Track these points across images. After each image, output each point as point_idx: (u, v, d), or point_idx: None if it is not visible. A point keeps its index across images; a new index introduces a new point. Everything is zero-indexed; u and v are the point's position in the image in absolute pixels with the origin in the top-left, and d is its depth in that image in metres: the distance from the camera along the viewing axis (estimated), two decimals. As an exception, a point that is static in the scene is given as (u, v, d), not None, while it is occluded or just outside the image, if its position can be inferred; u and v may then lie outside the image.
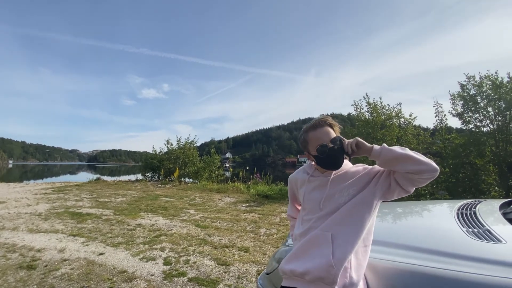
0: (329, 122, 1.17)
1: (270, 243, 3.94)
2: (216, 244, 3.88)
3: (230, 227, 4.78)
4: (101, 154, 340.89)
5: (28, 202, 7.27)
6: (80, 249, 3.67)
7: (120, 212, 6.04)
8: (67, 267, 3.07)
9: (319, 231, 1.08)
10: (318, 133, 1.15)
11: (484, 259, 1.01)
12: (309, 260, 1.05)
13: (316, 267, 1.02)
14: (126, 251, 3.59)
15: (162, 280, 2.76)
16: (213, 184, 11.46)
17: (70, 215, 5.69)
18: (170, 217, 5.53)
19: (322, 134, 1.15)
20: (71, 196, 8.34)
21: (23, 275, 2.88)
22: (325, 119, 1.17)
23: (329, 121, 1.17)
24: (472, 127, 7.76)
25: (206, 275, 2.87)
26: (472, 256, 1.04)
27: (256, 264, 3.17)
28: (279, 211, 6.21)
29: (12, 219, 5.29)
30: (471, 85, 7.74)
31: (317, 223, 1.11)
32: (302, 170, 1.33)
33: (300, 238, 1.15)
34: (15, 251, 3.57)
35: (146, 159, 16.05)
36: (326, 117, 1.19)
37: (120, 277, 2.83)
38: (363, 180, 1.13)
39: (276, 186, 9.80)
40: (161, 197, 8.26)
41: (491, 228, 1.27)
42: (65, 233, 4.38)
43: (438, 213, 1.91)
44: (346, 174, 1.16)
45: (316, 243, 1.07)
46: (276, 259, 1.60)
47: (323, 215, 1.11)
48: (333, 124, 1.17)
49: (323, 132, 1.15)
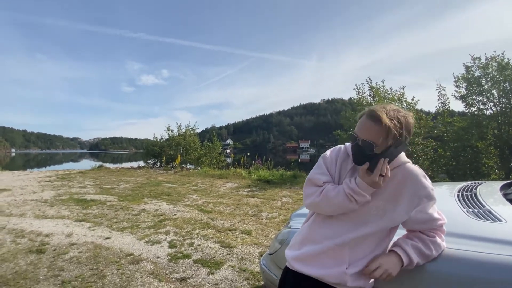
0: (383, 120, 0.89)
1: (272, 226, 4.02)
2: (219, 227, 3.96)
3: (233, 211, 4.86)
4: (102, 141, 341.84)
5: (33, 189, 7.37)
6: (87, 233, 3.76)
7: (124, 198, 6.13)
8: (75, 251, 3.16)
9: (337, 247, 0.99)
10: (360, 121, 0.98)
11: (484, 237, 1.03)
12: (321, 267, 1.01)
13: (328, 274, 0.99)
14: (131, 235, 3.68)
15: (167, 262, 2.85)
16: (214, 170, 11.56)
17: (75, 201, 5.78)
18: (174, 203, 5.62)
19: (361, 125, 0.96)
20: (75, 183, 8.45)
21: (33, 258, 2.97)
22: (377, 114, 0.90)
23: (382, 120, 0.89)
24: (475, 110, 7.70)
25: (210, 257, 2.96)
26: (473, 235, 1.06)
27: (258, 246, 3.25)
28: (280, 196, 6.29)
29: (19, 206, 5.38)
30: (476, 67, 7.61)
31: (343, 228, 1.01)
32: (345, 151, 1.10)
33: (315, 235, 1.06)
34: (24, 236, 3.66)
35: (147, 146, 16.14)
36: (380, 108, 0.92)
37: (127, 259, 2.92)
38: (404, 203, 0.97)
39: (277, 172, 9.88)
40: (164, 183, 8.35)
41: (491, 208, 1.29)
42: (71, 219, 4.47)
43: (438, 194, 1.93)
44: (393, 178, 0.98)
45: (331, 256, 1.00)
46: (278, 241, 1.64)
47: (354, 224, 1.00)
48: (388, 125, 0.88)
49: (363, 124, 0.95)
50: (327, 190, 1.00)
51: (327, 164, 1.10)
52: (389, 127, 0.89)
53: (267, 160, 11.50)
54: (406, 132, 0.93)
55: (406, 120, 0.93)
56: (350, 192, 0.95)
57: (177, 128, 15.99)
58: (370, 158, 0.94)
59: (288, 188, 7.36)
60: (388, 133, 0.90)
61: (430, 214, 0.98)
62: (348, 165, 1.06)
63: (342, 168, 1.07)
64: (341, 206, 0.97)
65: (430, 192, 0.97)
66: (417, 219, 0.98)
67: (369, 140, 0.92)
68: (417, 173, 0.98)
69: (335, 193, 0.98)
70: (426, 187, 0.97)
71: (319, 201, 1.01)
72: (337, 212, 1.01)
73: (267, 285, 1.66)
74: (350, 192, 0.95)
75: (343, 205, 0.97)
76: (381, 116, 0.90)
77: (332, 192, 0.99)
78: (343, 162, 1.08)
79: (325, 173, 1.08)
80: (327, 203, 0.99)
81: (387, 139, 0.91)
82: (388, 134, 0.90)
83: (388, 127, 0.89)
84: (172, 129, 16.00)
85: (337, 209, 0.99)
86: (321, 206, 1.01)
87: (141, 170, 13.09)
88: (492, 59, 7.38)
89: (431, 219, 0.98)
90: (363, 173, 0.95)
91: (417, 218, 0.98)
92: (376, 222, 0.98)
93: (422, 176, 0.98)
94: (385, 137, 0.91)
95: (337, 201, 0.97)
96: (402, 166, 1.00)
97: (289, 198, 6.01)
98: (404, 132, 0.92)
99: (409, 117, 0.94)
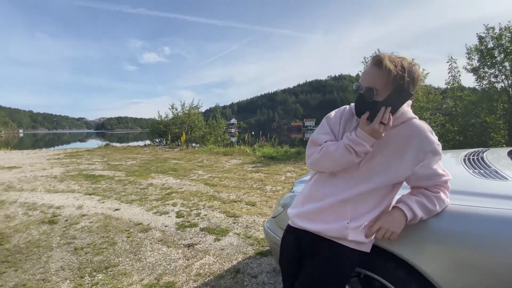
0: (384, 63, 0.86)
1: (276, 198, 4.09)
2: (225, 199, 4.05)
3: (238, 185, 4.94)
4: (108, 121, 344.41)
5: (43, 166, 7.55)
6: (97, 205, 3.88)
7: (131, 173, 6.25)
8: (86, 221, 3.28)
9: (339, 204, 0.99)
10: (365, 69, 0.95)
11: (489, 194, 1.01)
12: (323, 223, 1.02)
13: (329, 229, 1.00)
14: (140, 206, 3.79)
15: (175, 230, 2.95)
16: (219, 147, 11.64)
17: (84, 177, 5.92)
18: (180, 177, 5.72)
19: (364, 73, 0.95)
20: (83, 160, 8.61)
21: (45, 228, 3.09)
22: (379, 57, 0.89)
23: (383, 62, 0.87)
24: (486, 83, 7.48)
25: (217, 225, 3.05)
26: (478, 192, 1.05)
27: (263, 216, 3.33)
28: (284, 171, 6.34)
29: (29, 182, 5.54)
30: (490, 38, 7.29)
31: (345, 185, 1.00)
32: (349, 111, 1.08)
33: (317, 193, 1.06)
34: (35, 209, 3.80)
35: (152, 124, 16.23)
36: (383, 54, 0.90)
37: (136, 228, 3.03)
38: (409, 158, 0.95)
39: (281, 148, 9.91)
40: (170, 160, 8.47)
41: (498, 169, 1.27)
42: (81, 193, 4.60)
43: (443, 160, 1.92)
44: (399, 134, 0.96)
45: (333, 213, 1.01)
46: (281, 205, 1.67)
47: (357, 181, 0.99)
48: (389, 67, 0.86)
49: (366, 71, 0.94)
50: (328, 146, 0.99)
51: (331, 124, 1.08)
52: (390, 69, 0.86)
53: (271, 138, 11.50)
54: (410, 78, 0.88)
55: (411, 67, 0.89)
56: (350, 143, 0.93)
57: (181, 106, 15.94)
58: (371, 107, 0.91)
59: (292, 163, 7.41)
60: (389, 76, 0.87)
61: (435, 170, 0.96)
62: (353, 124, 1.04)
63: (347, 127, 1.04)
64: (341, 159, 0.95)
65: (436, 147, 0.95)
66: (422, 174, 0.96)
67: (370, 85, 0.90)
68: (423, 128, 0.96)
69: (335, 148, 0.97)
70: (432, 142, 0.94)
71: (319, 157, 0.99)
72: (338, 167, 0.99)
73: (270, 247, 1.71)
74: (349, 143, 0.94)
75: (343, 158, 0.95)
76: (383, 59, 0.87)
77: (332, 147, 0.98)
78: (348, 121, 1.06)
79: (328, 133, 1.06)
80: (327, 158, 0.98)
81: (388, 84, 0.88)
82: (388, 78, 0.87)
83: (389, 69, 0.86)
84: (176, 107, 15.97)
85: (337, 163, 0.97)
86: (322, 162, 1.00)
87: (147, 148, 13.25)
88: (506, 30, 7.04)
89: (436, 174, 0.97)
90: (363, 122, 0.93)
91: (422, 174, 0.96)
92: (379, 178, 0.97)
93: (428, 131, 0.96)
94: (386, 82, 0.88)
95: (338, 154, 0.95)
96: (409, 122, 0.98)
97: (293, 173, 6.06)
98: (407, 77, 0.88)
99: (415, 65, 0.90)
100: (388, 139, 0.97)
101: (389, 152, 0.97)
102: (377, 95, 0.90)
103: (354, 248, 1.00)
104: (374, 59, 0.91)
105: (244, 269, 2.20)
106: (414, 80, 0.90)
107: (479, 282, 0.87)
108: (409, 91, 0.91)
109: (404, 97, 0.92)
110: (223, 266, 2.24)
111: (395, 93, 0.90)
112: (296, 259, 1.13)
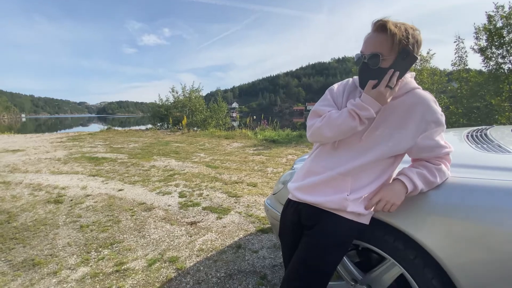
0: (388, 27, 0.84)
1: (276, 179, 4.10)
2: (227, 180, 4.09)
3: (239, 167, 4.98)
4: (109, 105, 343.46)
5: (46, 149, 7.61)
6: (101, 186, 3.94)
7: (134, 156, 6.30)
8: (91, 201, 3.34)
9: (340, 176, 0.99)
10: (367, 37, 0.92)
11: (491, 166, 1.00)
12: (323, 195, 1.02)
13: (328, 201, 1.00)
14: (143, 187, 3.84)
15: (178, 209, 3.00)
16: (221, 131, 11.63)
17: (87, 159, 5.98)
18: (182, 160, 5.76)
19: (366, 41, 0.91)
20: (85, 144, 8.67)
21: (51, 208, 3.16)
22: (382, 21, 0.86)
23: (387, 26, 0.84)
24: (494, 64, 7.30)
25: (219, 205, 3.10)
26: (480, 165, 1.04)
27: (264, 196, 3.37)
28: (285, 153, 6.36)
29: (34, 164, 5.61)
30: (499, 16, 7.03)
31: (346, 158, 0.99)
32: (353, 83, 1.07)
33: (318, 167, 1.06)
34: (41, 190, 3.86)
35: (153, 108, 16.16)
36: (385, 19, 0.87)
37: (140, 207, 3.08)
38: (412, 128, 0.94)
39: (283, 132, 9.89)
40: (172, 143, 8.50)
41: (501, 143, 1.25)
42: (84, 174, 4.66)
43: (446, 137, 1.90)
44: (402, 104, 0.95)
45: (333, 185, 1.01)
46: (281, 181, 1.68)
47: (358, 153, 0.98)
48: (393, 31, 0.84)
49: (368, 38, 0.91)
50: (330, 113, 0.97)
51: (334, 96, 1.06)
52: (394, 32, 0.84)
53: (273, 122, 11.45)
54: (414, 40, 0.87)
55: (414, 31, 0.88)
56: (353, 108, 0.91)
57: (182, 89, 15.79)
58: (378, 74, 0.89)
59: (293, 146, 7.41)
60: (394, 40, 0.85)
61: (437, 141, 0.95)
62: (356, 96, 1.02)
63: (350, 99, 1.02)
64: (344, 125, 0.93)
65: (439, 118, 0.93)
66: (424, 145, 0.95)
67: (375, 52, 0.88)
68: (427, 97, 0.94)
69: (338, 114, 0.95)
70: (435, 112, 0.93)
71: (321, 125, 0.97)
72: (339, 135, 0.96)
73: (271, 222, 1.74)
74: (353, 107, 0.92)
75: (346, 125, 0.93)
76: (387, 22, 0.85)
77: (335, 114, 0.96)
78: (351, 93, 1.04)
79: (331, 105, 1.04)
80: (329, 125, 0.95)
81: (393, 47, 0.86)
82: (393, 41, 0.85)
83: (393, 32, 0.84)
84: (177, 91, 15.83)
85: (339, 130, 0.94)
86: (323, 130, 0.97)
87: (149, 131, 13.27)
88: (517, 7, 6.77)
89: (437, 145, 0.96)
90: (369, 87, 0.91)
91: (424, 144, 0.95)
92: (381, 149, 0.96)
93: (432, 101, 0.94)
94: (391, 46, 0.86)
95: (340, 120, 0.93)
96: (412, 92, 0.96)
97: (294, 155, 6.07)
98: (411, 40, 0.86)
99: (416, 30, 0.89)
100: (391, 109, 0.95)
101: (392, 123, 0.96)
102: (383, 60, 0.88)
103: (353, 220, 1.00)
104: (376, 24, 0.88)
105: (245, 244, 2.25)
106: (418, 43, 0.89)
107: (477, 255, 0.87)
108: (414, 54, 0.89)
109: (410, 61, 0.90)
110: (225, 242, 2.30)
111: (401, 57, 0.87)
112: (296, 231, 1.14)
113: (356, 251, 1.31)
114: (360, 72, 0.95)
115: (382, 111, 0.96)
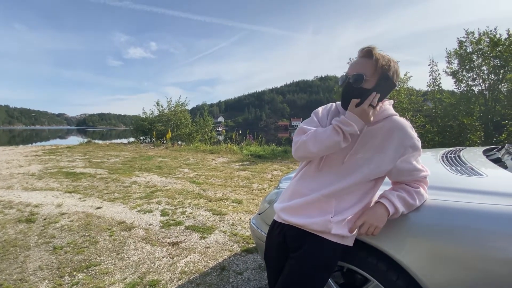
0: (373, 52, 0.96)
1: (262, 196, 4.11)
2: (211, 197, 4.02)
3: (224, 183, 4.92)
4: (90, 118, 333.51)
5: (20, 163, 7.22)
6: (78, 204, 3.75)
7: (114, 171, 6.09)
8: (66, 220, 3.17)
9: (324, 198, 1.02)
10: (353, 62, 1.01)
11: (465, 189, 1.06)
12: (307, 217, 1.04)
13: (313, 222, 1.02)
14: (123, 205, 3.69)
15: (160, 229, 2.90)
16: (206, 145, 11.54)
17: (64, 174, 5.71)
18: (165, 175, 5.63)
19: (352, 64, 1.01)
20: (63, 158, 8.30)
21: (22, 227, 2.96)
22: (369, 48, 0.97)
23: (373, 52, 0.96)
24: (465, 86, 7.81)
25: (202, 223, 3.03)
26: (455, 187, 1.10)
27: (249, 214, 3.33)
28: (271, 169, 6.38)
29: (5, 179, 5.28)
30: (469, 42, 7.62)
31: (330, 180, 1.02)
32: (336, 108, 1.13)
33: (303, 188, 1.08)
34: (12, 207, 3.63)
35: (136, 121, 15.85)
36: (371, 46, 0.98)
37: (119, 227, 2.95)
38: (390, 152, 0.99)
39: (268, 147, 9.95)
40: (155, 158, 8.31)
41: (473, 166, 1.33)
42: (60, 191, 4.43)
43: (422, 158, 1.99)
44: (381, 129, 1.01)
45: (317, 207, 1.03)
46: (267, 201, 1.67)
47: (341, 176, 1.01)
48: (377, 56, 0.95)
49: (354, 62, 1.01)
50: (316, 129, 1.02)
51: (319, 118, 1.12)
52: (378, 58, 0.95)
53: (258, 137, 11.53)
54: (394, 70, 0.98)
55: (394, 63, 0.99)
56: (338, 124, 0.96)
57: (167, 103, 15.67)
58: (360, 94, 0.96)
59: (279, 162, 7.45)
60: (377, 64, 0.95)
61: (414, 165, 1.00)
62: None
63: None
64: (328, 140, 0.96)
65: (416, 143, 0.99)
66: (402, 169, 1.00)
67: (359, 72, 0.96)
68: (404, 124, 1.00)
69: (323, 130, 0.99)
70: (412, 137, 0.99)
71: (306, 139, 1.00)
72: (323, 150, 0.99)
73: (256, 243, 1.72)
74: (337, 123, 0.96)
75: (330, 139, 0.95)
76: (373, 49, 0.96)
77: (320, 129, 1.00)
78: (334, 117, 1.08)
79: (317, 124, 1.09)
80: (314, 139, 0.98)
81: (376, 70, 0.96)
82: (377, 65, 0.95)
83: (377, 58, 0.95)
84: (162, 104, 15.68)
85: (324, 145, 0.97)
86: (308, 145, 0.99)
87: (131, 145, 12.93)
88: (484, 34, 7.38)
89: (415, 169, 1.00)
90: (352, 105, 0.96)
91: (402, 168, 1.00)
92: (362, 172, 1.00)
93: (409, 127, 1.00)
94: (374, 69, 0.96)
95: (325, 135, 0.96)
96: (390, 118, 1.02)
97: (280, 171, 6.10)
98: (392, 68, 0.97)
99: (396, 62, 0.99)
100: (371, 134, 1.01)
101: (372, 147, 1.01)
102: (365, 81, 0.95)
103: (337, 242, 1.02)
104: (363, 51, 0.98)
105: (229, 266, 2.20)
106: (397, 73, 1.00)
107: (455, 274, 0.90)
108: (393, 81, 0.97)
109: (390, 86, 0.98)
110: (208, 264, 2.23)
111: (382, 81, 0.95)
112: (281, 253, 1.14)
113: (340, 273, 1.32)
114: (343, 92, 1.02)
115: (363, 136, 1.01)
